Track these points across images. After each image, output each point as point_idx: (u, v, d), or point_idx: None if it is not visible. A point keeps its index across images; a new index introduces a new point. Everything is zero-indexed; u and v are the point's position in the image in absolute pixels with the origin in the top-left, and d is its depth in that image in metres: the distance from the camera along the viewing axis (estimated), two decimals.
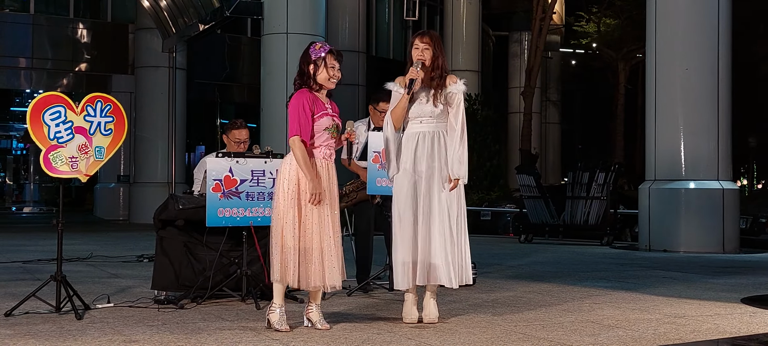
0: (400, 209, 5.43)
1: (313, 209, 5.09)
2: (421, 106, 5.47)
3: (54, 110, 5.75)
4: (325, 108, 5.24)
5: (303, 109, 5.12)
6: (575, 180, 14.55)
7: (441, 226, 5.37)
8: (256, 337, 4.91)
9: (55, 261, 5.89)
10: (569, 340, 4.94)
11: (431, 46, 5.46)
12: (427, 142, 5.44)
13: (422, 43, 5.46)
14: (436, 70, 5.47)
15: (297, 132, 5.10)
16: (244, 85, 24.85)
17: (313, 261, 5.07)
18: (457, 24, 25.39)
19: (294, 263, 5.05)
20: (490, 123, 22.00)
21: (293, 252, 5.05)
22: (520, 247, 13.51)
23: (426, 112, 5.46)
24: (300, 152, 5.10)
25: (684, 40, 12.48)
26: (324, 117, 5.20)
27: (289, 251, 5.06)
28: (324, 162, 5.21)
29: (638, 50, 28.56)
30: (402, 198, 5.43)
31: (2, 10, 22.44)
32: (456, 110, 5.47)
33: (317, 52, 5.23)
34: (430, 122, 5.46)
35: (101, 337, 4.88)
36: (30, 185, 31.86)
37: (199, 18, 18.94)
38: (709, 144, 12.40)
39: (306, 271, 5.07)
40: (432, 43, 5.46)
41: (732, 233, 12.41)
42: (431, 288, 5.47)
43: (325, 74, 5.22)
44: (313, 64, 5.22)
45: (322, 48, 5.25)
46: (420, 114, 5.47)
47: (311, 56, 5.23)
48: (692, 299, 6.85)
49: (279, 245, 5.09)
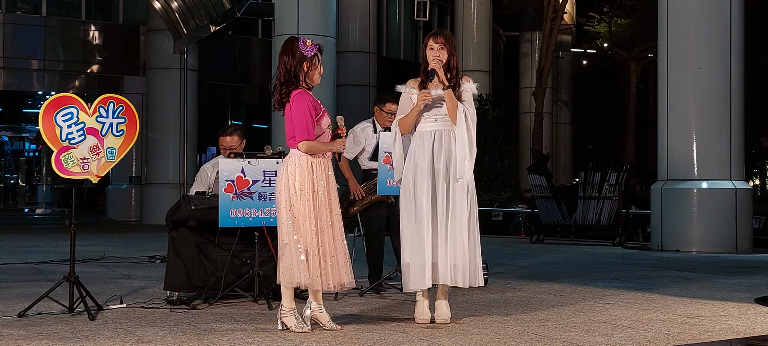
0: (416, 208, 5.40)
1: (311, 209, 5.05)
2: (435, 104, 5.46)
3: (66, 111, 5.77)
4: (322, 107, 5.23)
5: (309, 112, 5.06)
6: (587, 180, 14.51)
7: (458, 226, 5.35)
8: (268, 337, 4.91)
9: (68, 262, 5.91)
10: (582, 340, 4.93)
11: (446, 46, 5.45)
12: (443, 140, 5.44)
13: (437, 43, 5.45)
14: (452, 70, 5.46)
15: (305, 137, 5.05)
16: (255, 87, 24.88)
17: (319, 262, 5.05)
18: (468, 24, 25.35)
19: (316, 265, 5.03)
20: (501, 123, 21.96)
21: (304, 253, 5.03)
22: (531, 247, 13.48)
23: (441, 111, 5.45)
24: (315, 145, 5.07)
25: (696, 39, 12.43)
26: (324, 116, 5.20)
27: (313, 252, 5.03)
28: (325, 161, 5.19)
29: (650, 50, 28.46)
30: (419, 197, 5.40)
31: (14, 12, 22.53)
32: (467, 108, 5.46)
33: (309, 49, 5.11)
34: (445, 120, 5.45)
35: (114, 337, 4.89)
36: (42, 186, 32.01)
37: (211, 19, 18.98)
38: (722, 144, 12.35)
39: (315, 271, 5.05)
40: (447, 43, 5.46)
41: (745, 233, 12.35)
42: (443, 289, 5.46)
43: (317, 73, 5.18)
44: (307, 62, 5.12)
45: (313, 45, 5.16)
46: (434, 113, 5.46)
47: (305, 54, 5.11)
48: (705, 299, 6.82)
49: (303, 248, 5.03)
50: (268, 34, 20.24)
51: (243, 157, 6.26)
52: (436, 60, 5.41)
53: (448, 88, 5.39)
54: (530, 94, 27.56)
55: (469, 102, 5.48)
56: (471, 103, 5.49)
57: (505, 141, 21.94)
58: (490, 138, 21.29)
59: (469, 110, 5.45)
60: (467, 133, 5.40)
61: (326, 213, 5.09)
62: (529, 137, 26.90)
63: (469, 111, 5.44)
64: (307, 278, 5.02)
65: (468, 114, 5.43)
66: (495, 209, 18.47)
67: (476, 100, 9.10)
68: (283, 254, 5.09)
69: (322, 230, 5.06)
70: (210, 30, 19.19)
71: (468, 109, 5.44)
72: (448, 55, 5.45)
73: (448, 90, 5.39)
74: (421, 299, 5.48)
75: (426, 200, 5.38)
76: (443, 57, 5.44)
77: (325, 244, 5.06)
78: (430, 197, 5.39)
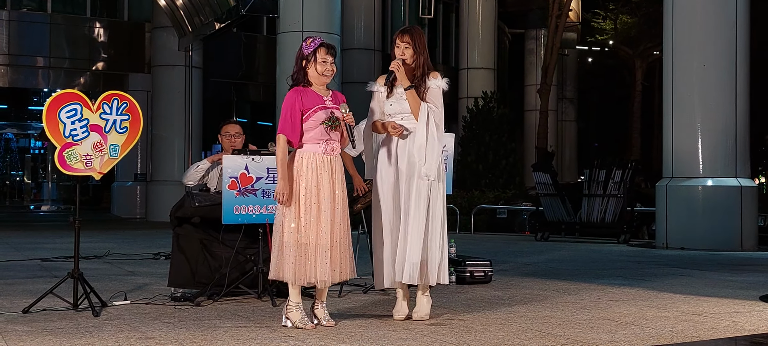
0: (381, 207, 5.42)
1: (313, 206, 5.07)
2: (401, 102, 5.45)
3: (70, 108, 5.77)
4: (323, 101, 5.21)
5: (292, 108, 5.13)
6: (591, 178, 14.50)
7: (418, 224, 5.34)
8: (271, 334, 4.92)
9: (73, 259, 5.91)
10: (586, 337, 4.92)
11: (412, 44, 5.44)
12: (407, 140, 5.42)
13: (402, 42, 5.45)
14: (418, 68, 5.46)
15: (283, 130, 5.13)
16: (259, 84, 24.91)
17: (318, 257, 5.05)
18: (473, 21, 25.35)
19: (291, 260, 5.04)
20: (505, 121, 21.94)
21: (293, 248, 5.04)
22: (536, 245, 13.47)
23: (406, 109, 5.44)
24: (281, 151, 5.13)
25: (701, 36, 12.40)
26: (319, 111, 5.18)
27: (289, 247, 5.06)
28: (326, 157, 5.18)
29: (655, 47, 28.42)
30: (383, 196, 5.42)
31: (20, 10, 22.58)
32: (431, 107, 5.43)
33: (308, 47, 5.21)
34: (410, 119, 5.44)
35: (118, 334, 4.89)
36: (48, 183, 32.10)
37: (215, 17, 19.01)
38: (727, 141, 12.33)
39: (304, 267, 5.05)
40: (412, 41, 5.44)
41: (750, 231, 12.33)
42: (422, 286, 5.46)
43: (316, 70, 5.21)
44: (305, 59, 5.21)
45: (313, 43, 5.23)
46: (400, 111, 5.45)
47: (303, 52, 5.22)
48: (710, 296, 6.81)
49: (278, 243, 5.10)
50: (272, 32, 20.26)
51: (247, 153, 6.26)
52: (399, 60, 5.40)
53: (411, 87, 5.39)
54: (535, 92, 27.54)
55: (435, 99, 5.44)
56: (437, 100, 5.44)
57: (510, 138, 21.92)
58: (495, 135, 21.27)
59: (433, 109, 5.42)
60: (426, 131, 5.38)
61: (319, 209, 5.09)
62: (534, 135, 26.89)
63: (433, 109, 5.42)
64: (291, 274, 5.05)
65: (430, 113, 5.41)
66: (499, 207, 18.46)
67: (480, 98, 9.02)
68: (276, 250, 5.12)
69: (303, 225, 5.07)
70: (215, 27, 19.22)
71: (432, 108, 5.42)
72: (413, 53, 5.44)
73: (410, 89, 5.39)
74: (399, 295, 5.50)
75: (390, 199, 5.40)
76: (407, 55, 5.44)
77: (309, 240, 5.06)
78: (394, 196, 5.40)
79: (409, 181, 5.39)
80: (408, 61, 5.45)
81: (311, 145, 5.16)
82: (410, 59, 5.45)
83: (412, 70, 5.45)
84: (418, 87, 5.42)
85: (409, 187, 5.39)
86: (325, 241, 5.08)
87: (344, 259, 5.15)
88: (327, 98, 5.23)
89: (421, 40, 5.48)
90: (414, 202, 5.36)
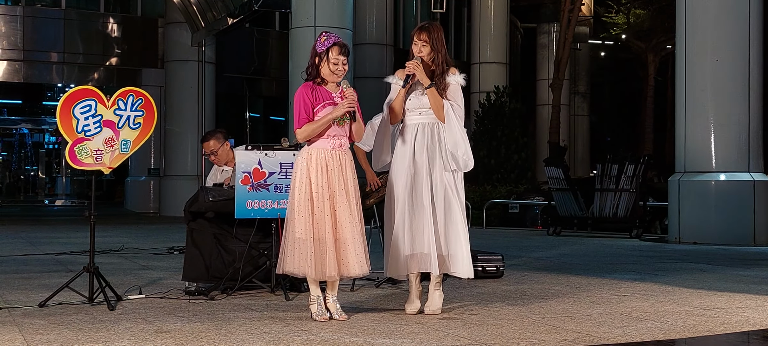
0: (398, 200, 5.43)
1: (326, 201, 5.13)
2: (419, 98, 5.47)
3: (84, 104, 5.81)
4: (331, 97, 5.26)
5: (304, 103, 5.21)
6: (604, 172, 14.48)
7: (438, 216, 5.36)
8: (284, 327, 4.96)
9: (88, 253, 5.97)
10: (598, 332, 4.94)
11: (429, 42, 5.45)
12: (426, 133, 5.45)
13: (420, 39, 5.46)
14: (438, 66, 5.47)
15: (300, 123, 5.22)
16: (272, 79, 24.95)
17: (327, 252, 5.11)
18: (485, 16, 25.31)
19: (310, 255, 5.09)
20: (518, 115, 21.91)
21: (310, 243, 5.10)
22: (548, 239, 13.47)
23: (425, 104, 5.46)
24: (311, 127, 5.17)
25: (714, 30, 12.36)
26: (326, 107, 5.23)
27: (305, 242, 5.11)
28: (335, 152, 5.23)
29: (668, 42, 28.31)
30: (400, 189, 5.43)
31: (34, 5, 22.70)
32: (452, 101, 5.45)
33: (322, 45, 5.27)
34: (429, 114, 5.47)
35: (133, 327, 4.94)
36: (62, 178, 32.24)
37: (228, 12, 19.05)
38: (740, 135, 12.28)
39: (321, 261, 5.11)
40: (430, 39, 5.45)
41: (763, 225, 12.29)
42: (435, 279, 5.48)
43: (327, 68, 5.25)
44: (317, 57, 5.27)
45: (327, 41, 5.28)
46: (419, 106, 5.48)
47: (318, 49, 5.28)
48: (722, 291, 6.81)
49: (292, 238, 5.14)
50: (285, 27, 20.30)
51: (260, 149, 6.30)
52: (417, 59, 5.40)
53: (431, 86, 5.40)
54: (547, 86, 27.48)
55: (455, 96, 5.47)
56: (458, 98, 5.47)
57: (522, 133, 21.89)
58: (507, 130, 21.25)
59: (455, 106, 5.45)
60: (458, 126, 5.42)
61: (332, 203, 5.14)
62: (547, 129, 26.83)
63: (455, 106, 5.45)
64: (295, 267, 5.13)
65: (454, 110, 5.44)
66: (512, 202, 18.45)
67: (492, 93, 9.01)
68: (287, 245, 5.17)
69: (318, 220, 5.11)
70: (228, 22, 19.26)
71: (453, 105, 5.45)
72: (431, 50, 5.45)
73: (430, 89, 5.40)
74: (412, 289, 5.52)
75: (409, 192, 5.41)
76: (424, 53, 5.45)
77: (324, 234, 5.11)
78: (409, 190, 5.41)
79: (430, 173, 5.42)
80: (425, 59, 5.46)
81: (321, 141, 5.22)
82: (427, 57, 5.47)
83: (430, 68, 5.48)
84: (439, 85, 5.44)
85: (430, 179, 5.41)
86: (342, 234, 5.14)
87: (356, 253, 5.18)
88: (336, 95, 5.30)
89: (439, 37, 5.49)
90: (437, 195, 5.38)
